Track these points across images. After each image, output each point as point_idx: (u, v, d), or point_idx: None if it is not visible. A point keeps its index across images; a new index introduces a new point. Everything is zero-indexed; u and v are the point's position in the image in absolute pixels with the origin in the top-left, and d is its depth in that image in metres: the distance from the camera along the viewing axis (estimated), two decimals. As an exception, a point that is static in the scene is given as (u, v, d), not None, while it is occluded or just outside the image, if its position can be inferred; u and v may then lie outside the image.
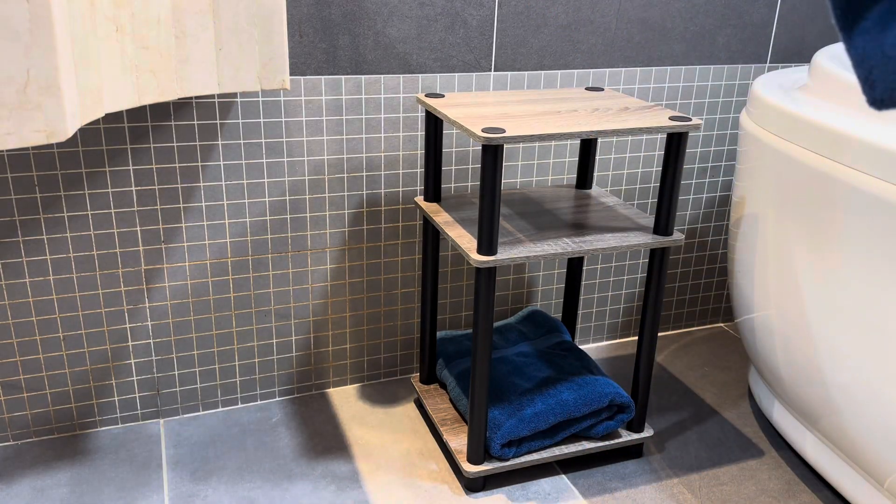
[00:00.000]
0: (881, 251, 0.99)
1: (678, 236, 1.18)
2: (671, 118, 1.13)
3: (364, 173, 1.35)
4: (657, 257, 1.20)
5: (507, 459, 1.22)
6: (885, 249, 0.98)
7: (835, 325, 1.08)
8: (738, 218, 1.32)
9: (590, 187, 1.38)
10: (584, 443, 1.26)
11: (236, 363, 1.40)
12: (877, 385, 1.03)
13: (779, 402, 1.34)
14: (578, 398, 1.23)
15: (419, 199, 1.29)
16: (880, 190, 0.98)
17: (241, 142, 1.26)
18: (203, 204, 1.28)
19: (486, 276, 1.10)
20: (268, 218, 1.32)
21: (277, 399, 1.45)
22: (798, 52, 1.59)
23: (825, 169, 1.07)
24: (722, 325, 1.80)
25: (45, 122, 0.82)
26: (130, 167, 1.22)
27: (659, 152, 1.56)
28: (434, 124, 1.22)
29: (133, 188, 1.23)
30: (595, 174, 1.53)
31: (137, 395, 1.35)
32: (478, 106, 1.17)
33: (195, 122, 1.23)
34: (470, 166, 1.42)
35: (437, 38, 1.32)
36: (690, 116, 1.34)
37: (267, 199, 1.31)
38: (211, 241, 1.30)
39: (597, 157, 1.51)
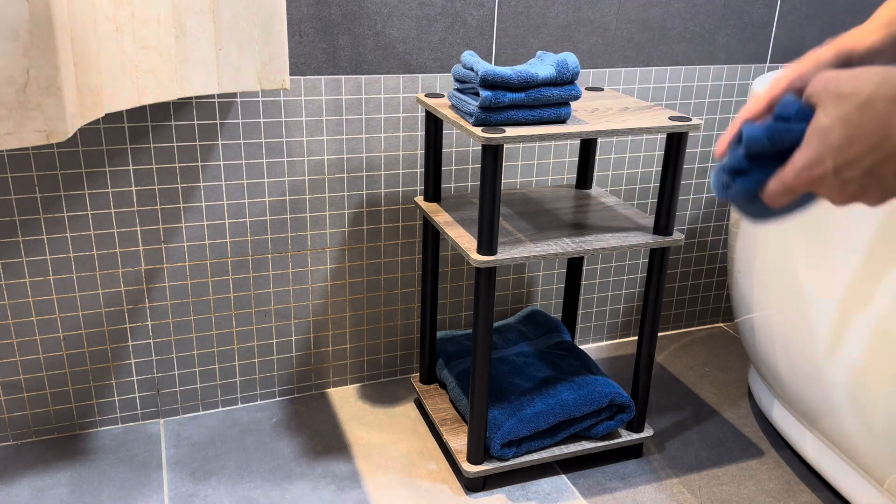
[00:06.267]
0: (881, 251, 0.99)
1: (678, 236, 1.18)
2: (671, 118, 1.13)
3: (364, 173, 1.36)
4: (657, 257, 1.20)
5: (507, 459, 1.22)
6: (885, 249, 0.98)
7: (834, 325, 1.08)
8: (738, 218, 1.32)
9: (590, 187, 1.38)
10: (584, 443, 1.26)
11: (236, 363, 1.40)
12: (877, 385, 1.03)
13: (779, 402, 1.34)
14: (578, 398, 1.23)
15: (419, 199, 1.29)
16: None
17: (241, 142, 1.27)
18: (203, 204, 1.28)
19: (486, 276, 1.10)
20: (268, 218, 1.32)
21: (277, 399, 1.45)
22: (798, 52, 1.59)
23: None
24: (722, 325, 1.80)
25: (45, 122, 0.82)
26: (130, 167, 1.22)
27: (659, 152, 1.56)
28: (434, 124, 1.22)
29: (133, 188, 1.23)
30: (595, 174, 1.53)
31: (137, 395, 1.35)
32: (478, 106, 1.16)
33: (195, 122, 1.23)
34: (470, 166, 1.42)
35: (437, 38, 1.32)
36: (690, 116, 1.34)
37: (267, 199, 1.31)
38: (211, 241, 1.30)
39: (597, 157, 1.51)
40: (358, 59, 1.28)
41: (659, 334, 1.74)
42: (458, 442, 1.26)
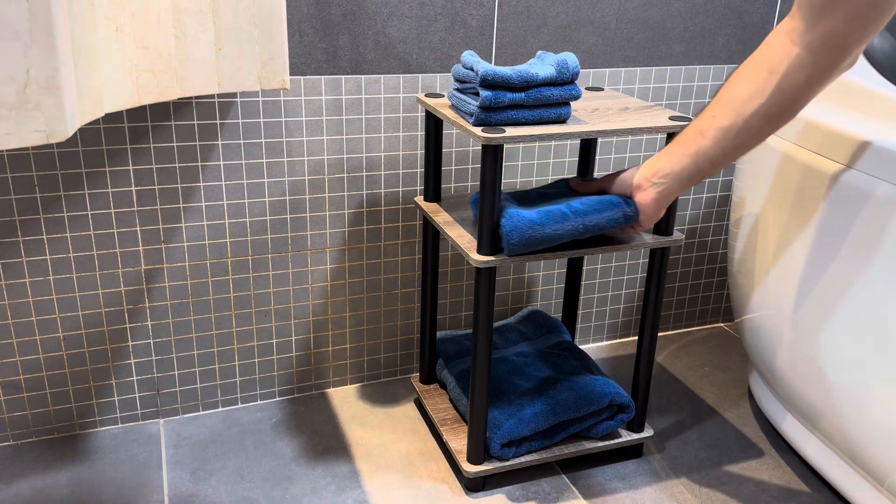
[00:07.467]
0: (881, 251, 0.99)
1: (678, 236, 1.18)
2: (671, 118, 1.13)
3: (364, 173, 1.36)
4: (657, 257, 1.20)
5: (507, 459, 1.22)
6: (885, 249, 0.98)
7: (835, 325, 1.08)
8: (738, 218, 1.32)
9: (590, 187, 1.38)
10: (584, 443, 1.26)
11: (236, 363, 1.40)
12: (877, 385, 1.03)
13: (778, 402, 1.34)
14: (578, 398, 1.23)
15: (419, 199, 1.29)
16: (879, 189, 0.98)
17: (241, 142, 1.27)
18: (203, 204, 1.28)
19: (486, 276, 1.10)
20: (268, 218, 1.32)
21: (277, 399, 1.45)
22: (798, 52, 1.59)
23: (825, 169, 1.07)
24: (722, 325, 1.80)
25: (45, 122, 0.82)
26: (130, 167, 1.22)
27: (659, 152, 1.56)
28: (434, 124, 1.22)
29: (133, 188, 1.23)
30: (595, 174, 1.52)
31: (137, 395, 1.35)
32: (478, 106, 1.16)
33: (195, 122, 1.23)
34: (470, 166, 1.42)
35: (437, 38, 1.32)
36: (690, 116, 1.34)
37: (267, 199, 1.31)
38: (211, 241, 1.30)
39: (597, 157, 1.51)
40: (358, 59, 1.28)
41: (659, 334, 1.74)
42: (458, 442, 1.26)
